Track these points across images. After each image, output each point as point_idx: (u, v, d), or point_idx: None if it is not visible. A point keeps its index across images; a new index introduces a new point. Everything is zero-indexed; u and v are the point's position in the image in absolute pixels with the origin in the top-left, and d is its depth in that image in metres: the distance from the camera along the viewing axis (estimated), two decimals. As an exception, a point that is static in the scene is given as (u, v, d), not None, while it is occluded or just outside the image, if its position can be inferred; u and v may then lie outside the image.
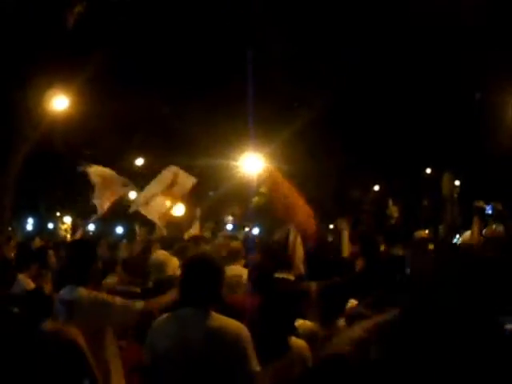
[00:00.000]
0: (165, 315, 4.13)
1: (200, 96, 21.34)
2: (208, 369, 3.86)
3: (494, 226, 7.72)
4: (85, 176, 9.19)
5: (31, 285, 6.73)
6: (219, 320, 3.97)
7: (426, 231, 10.37)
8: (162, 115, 21.58)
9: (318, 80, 21.52)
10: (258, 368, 3.93)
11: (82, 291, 4.82)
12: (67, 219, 29.40)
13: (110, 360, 4.70)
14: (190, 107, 21.43)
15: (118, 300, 4.90)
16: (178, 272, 5.04)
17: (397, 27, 20.92)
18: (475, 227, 7.41)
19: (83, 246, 5.30)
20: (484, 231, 7.58)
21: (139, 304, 4.92)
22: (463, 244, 7.73)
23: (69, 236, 22.04)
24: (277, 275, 6.24)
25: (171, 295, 4.80)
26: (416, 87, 23.71)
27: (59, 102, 14.98)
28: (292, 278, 6.67)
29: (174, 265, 6.33)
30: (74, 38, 15.37)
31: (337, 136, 25.18)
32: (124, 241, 14.27)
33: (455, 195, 9.37)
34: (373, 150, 25.75)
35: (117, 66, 17.48)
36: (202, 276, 4.05)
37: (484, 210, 7.72)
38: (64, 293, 4.92)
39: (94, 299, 4.81)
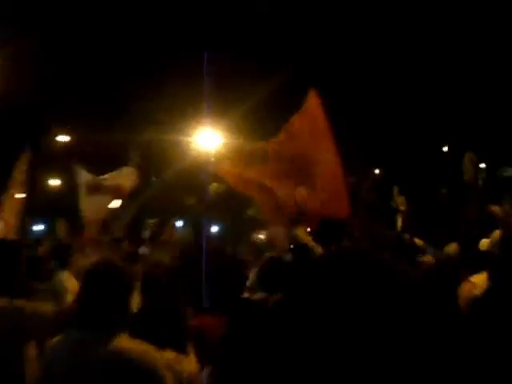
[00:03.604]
0: (59, 337, 3.57)
1: (149, 65, 20.09)
2: None
3: None
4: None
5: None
6: (121, 346, 3.32)
7: None
8: (96, 81, 18.19)
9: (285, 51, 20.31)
10: None
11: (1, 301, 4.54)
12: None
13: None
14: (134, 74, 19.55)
15: (32, 306, 4.40)
16: None
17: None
18: (504, 213, 5.43)
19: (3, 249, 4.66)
20: None
21: (50, 309, 4.54)
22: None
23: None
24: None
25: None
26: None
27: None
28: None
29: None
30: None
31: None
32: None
33: (480, 182, 7.87)
34: (367, 125, 22.60)
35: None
36: (102, 291, 3.39)
37: None
38: None
39: (9, 309, 4.31)
